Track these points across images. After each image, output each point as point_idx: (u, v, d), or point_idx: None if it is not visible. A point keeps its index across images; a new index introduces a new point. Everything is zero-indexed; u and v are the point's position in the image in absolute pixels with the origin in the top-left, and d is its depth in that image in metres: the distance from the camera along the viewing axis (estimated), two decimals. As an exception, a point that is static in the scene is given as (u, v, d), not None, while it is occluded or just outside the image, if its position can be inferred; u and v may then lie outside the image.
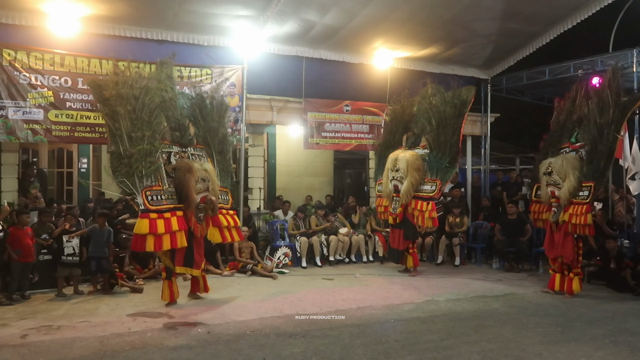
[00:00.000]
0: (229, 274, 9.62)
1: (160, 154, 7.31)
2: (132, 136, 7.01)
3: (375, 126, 12.40)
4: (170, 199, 7.22)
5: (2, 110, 9.01)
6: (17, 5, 8.88)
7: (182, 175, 7.26)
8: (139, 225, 6.83)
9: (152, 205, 6.94)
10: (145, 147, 7.03)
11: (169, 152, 7.52)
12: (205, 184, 7.44)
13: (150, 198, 6.96)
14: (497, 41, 11.83)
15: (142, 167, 6.97)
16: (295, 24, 10.21)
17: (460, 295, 8.11)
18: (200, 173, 7.42)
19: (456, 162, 10.02)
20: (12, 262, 7.59)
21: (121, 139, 6.99)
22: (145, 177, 7.00)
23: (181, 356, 5.35)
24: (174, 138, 7.72)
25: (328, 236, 10.98)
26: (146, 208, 6.89)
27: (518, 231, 10.41)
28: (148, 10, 9.44)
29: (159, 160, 7.25)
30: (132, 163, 6.91)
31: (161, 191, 7.13)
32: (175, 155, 7.61)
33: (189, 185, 7.20)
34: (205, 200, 7.44)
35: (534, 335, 6.11)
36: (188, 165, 7.39)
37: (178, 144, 7.74)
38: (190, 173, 7.27)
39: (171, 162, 7.50)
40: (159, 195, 7.08)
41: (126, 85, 7.16)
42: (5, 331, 6.17)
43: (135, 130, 7.05)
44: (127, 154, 6.94)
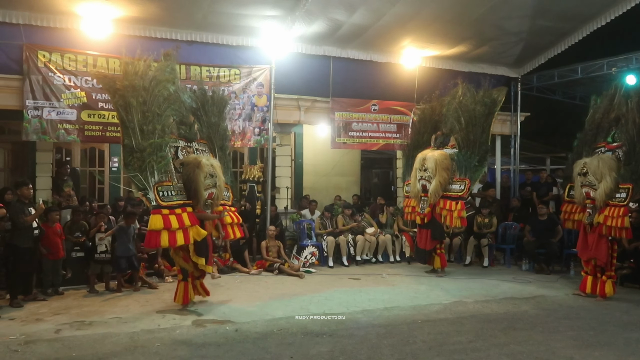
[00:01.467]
0: (257, 273, 9.69)
1: (169, 148, 7.19)
2: (144, 129, 6.82)
3: (402, 126, 12.33)
4: (179, 194, 7.06)
5: (37, 111, 9.26)
6: (52, 8, 9.09)
7: (192, 171, 7.12)
8: (153, 222, 6.64)
9: (164, 201, 6.78)
10: (157, 140, 6.89)
11: (176, 146, 7.41)
12: (213, 179, 7.30)
13: (162, 194, 6.81)
14: (527, 39, 11.62)
15: (153, 161, 6.80)
16: (323, 23, 10.21)
17: (489, 297, 8.01)
18: (208, 169, 7.25)
19: (485, 161, 9.89)
20: (43, 258, 7.81)
21: (133, 132, 6.80)
22: (156, 172, 6.85)
23: (209, 353, 5.41)
24: (180, 132, 7.61)
25: (355, 236, 10.96)
26: (158, 204, 6.73)
27: (549, 232, 10.24)
28: (178, 11, 9.56)
29: (168, 154, 7.11)
30: (144, 157, 6.75)
31: (171, 187, 6.99)
32: (182, 149, 7.49)
33: (198, 181, 7.08)
34: (212, 196, 7.35)
35: (565, 339, 6.00)
36: (197, 160, 7.25)
37: (184, 138, 7.63)
38: (200, 169, 7.12)
39: (178, 156, 7.37)
40: (170, 190, 6.94)
41: (136, 77, 6.95)
42: (39, 326, 6.34)
43: (147, 123, 6.86)
44: (139, 147, 6.77)
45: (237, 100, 10.72)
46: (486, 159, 9.93)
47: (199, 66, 10.41)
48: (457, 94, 9.92)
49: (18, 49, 9.22)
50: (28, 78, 9.20)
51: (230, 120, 10.63)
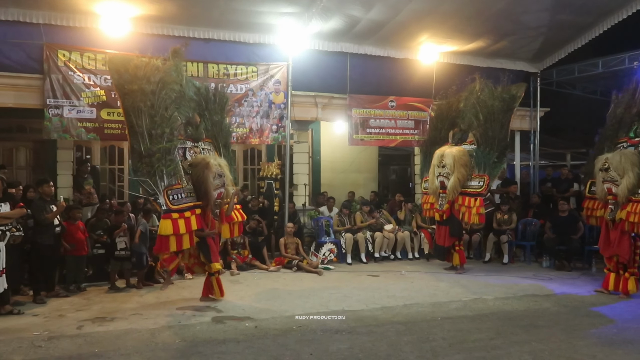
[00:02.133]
0: (275, 270, 9.72)
1: (177, 150, 7.19)
2: (153, 134, 6.83)
3: (420, 122, 12.26)
4: (189, 196, 7.07)
5: (57, 109, 9.37)
6: (72, 8, 9.19)
7: (201, 172, 7.11)
8: (163, 227, 6.67)
9: (174, 205, 6.79)
10: (166, 145, 6.89)
11: (184, 147, 7.38)
12: (222, 179, 7.29)
13: (172, 197, 6.82)
14: (547, 33, 11.47)
15: (162, 165, 6.82)
16: (339, 20, 10.18)
17: (509, 294, 7.94)
18: (216, 168, 7.23)
19: (504, 157, 9.82)
20: (66, 255, 7.92)
21: (142, 137, 6.81)
22: (165, 176, 6.85)
23: (229, 350, 5.44)
24: (187, 133, 7.57)
25: (373, 233, 10.93)
26: (168, 208, 6.75)
27: (569, 229, 10.11)
28: (195, 9, 9.59)
29: (176, 157, 7.11)
30: (153, 162, 6.77)
31: (181, 189, 6.99)
32: (190, 150, 7.46)
33: (207, 182, 7.07)
34: (221, 195, 7.34)
35: (587, 337, 5.92)
36: (205, 161, 7.22)
37: (191, 138, 7.60)
38: (208, 169, 7.11)
39: (187, 158, 7.36)
40: (180, 193, 6.94)
41: (144, 80, 6.95)
42: (62, 322, 6.42)
43: (155, 127, 6.87)
44: (148, 152, 6.79)
45: (255, 98, 10.75)
46: (505, 155, 9.85)
47: (217, 64, 10.45)
48: (474, 89, 9.85)
49: (39, 49, 9.34)
50: (48, 77, 9.33)
51: (248, 117, 10.69)
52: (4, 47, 9.22)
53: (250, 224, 10.26)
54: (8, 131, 11.25)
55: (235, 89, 10.58)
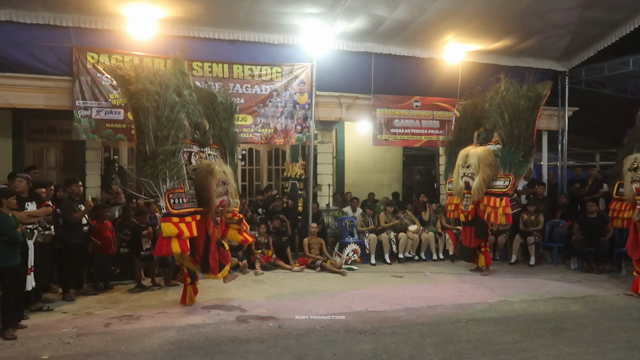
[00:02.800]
0: (299, 270, 9.75)
1: (182, 154, 7.04)
2: (158, 135, 6.74)
3: (445, 122, 12.16)
4: (190, 202, 6.93)
5: (86, 111, 9.55)
6: (100, 11, 9.35)
7: (204, 177, 6.95)
8: (165, 229, 6.54)
9: (174, 209, 6.65)
10: (171, 147, 6.76)
11: (189, 151, 7.22)
12: (225, 187, 7.09)
13: (173, 201, 6.68)
14: (575, 31, 11.25)
15: (166, 168, 6.68)
16: (364, 19, 10.15)
17: (536, 296, 7.82)
18: (220, 175, 7.03)
19: (530, 157, 9.67)
20: (94, 254, 8.07)
21: (148, 138, 6.72)
22: (168, 179, 6.70)
23: (253, 349, 5.47)
24: (194, 137, 7.41)
25: (397, 233, 10.88)
26: (168, 212, 6.61)
27: (598, 230, 9.91)
28: (220, 11, 9.68)
29: (181, 161, 6.94)
30: (157, 164, 6.65)
31: (183, 194, 6.83)
32: (195, 155, 7.33)
33: (210, 188, 6.91)
34: (224, 203, 7.13)
35: (616, 340, 5.81)
36: (210, 167, 7.07)
37: (198, 143, 7.45)
38: (212, 176, 6.94)
39: (191, 162, 7.21)
40: (181, 198, 6.80)
41: (147, 80, 6.87)
42: (90, 319, 6.56)
43: (161, 128, 6.77)
44: (152, 154, 6.69)
45: (279, 98, 10.80)
46: (531, 155, 9.70)
47: (242, 65, 10.52)
48: (499, 88, 9.73)
49: (68, 51, 9.53)
50: (78, 79, 9.51)
51: (272, 117, 10.75)
52: (34, 50, 9.43)
53: (275, 224, 10.33)
54: (39, 132, 11.50)
55: (260, 89, 10.65)
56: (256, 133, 10.71)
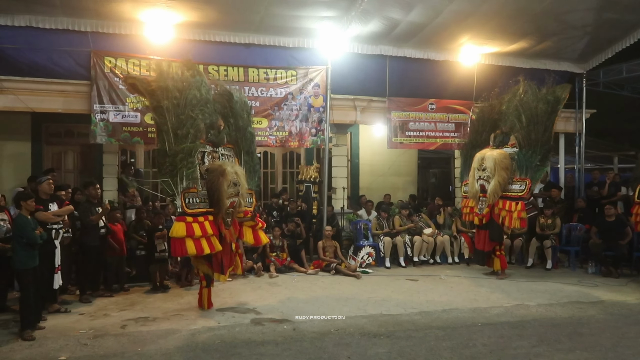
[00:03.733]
0: (313, 272, 9.75)
1: (197, 153, 7.02)
2: (178, 133, 6.75)
3: (461, 124, 12.11)
4: (203, 202, 6.92)
5: (104, 114, 9.67)
6: (117, 16, 9.47)
7: (216, 179, 6.92)
8: (176, 229, 6.59)
9: (189, 209, 6.68)
10: (189, 145, 6.77)
11: (202, 151, 7.19)
12: (236, 188, 7.04)
13: (188, 201, 6.70)
14: (593, 33, 11.15)
15: (184, 167, 6.71)
16: (379, 22, 10.15)
17: (553, 300, 7.75)
18: (232, 177, 6.99)
19: (547, 161, 9.57)
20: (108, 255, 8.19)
21: (167, 136, 6.73)
22: (185, 178, 6.73)
23: (268, 352, 5.49)
24: (208, 137, 7.38)
25: (412, 236, 10.84)
26: (183, 211, 6.64)
27: (617, 234, 9.78)
28: (236, 15, 9.74)
29: (196, 160, 6.94)
30: (176, 162, 6.66)
31: (196, 194, 6.86)
32: (209, 155, 7.30)
33: (221, 189, 6.85)
34: (234, 204, 7.09)
35: (635, 346, 5.73)
36: (221, 168, 7.03)
37: (211, 143, 7.42)
38: (224, 177, 6.90)
39: (204, 162, 7.18)
40: (195, 198, 6.82)
41: (169, 79, 6.90)
42: (107, 321, 6.62)
43: (181, 126, 6.78)
44: (171, 152, 6.70)
45: (294, 101, 10.84)
46: (548, 159, 9.61)
47: (257, 68, 10.59)
48: (517, 91, 9.64)
49: (86, 56, 9.67)
50: (95, 83, 9.63)
51: (287, 120, 10.78)
52: (53, 54, 9.58)
53: (289, 227, 10.34)
54: (57, 136, 11.65)
55: (275, 92, 10.70)
56: (271, 136, 10.75)
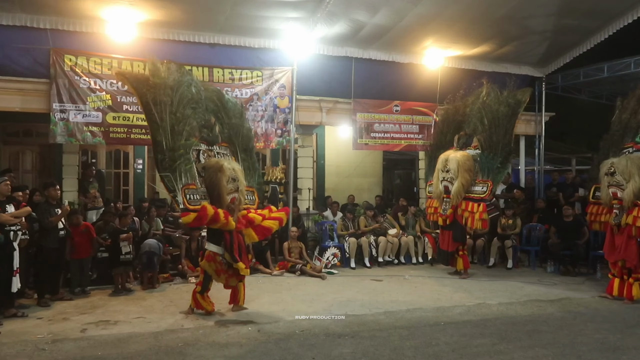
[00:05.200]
0: (279, 274, 9.72)
1: (192, 151, 7.03)
2: (175, 129, 6.71)
3: (425, 126, 12.27)
4: (204, 199, 6.88)
5: (63, 114, 9.44)
6: (78, 13, 9.25)
7: (214, 174, 6.94)
8: (186, 219, 6.55)
9: (191, 205, 6.62)
10: (188, 142, 6.80)
11: (197, 149, 7.19)
12: (235, 184, 7.05)
13: (189, 197, 6.66)
14: (552, 38, 11.45)
15: (182, 163, 6.69)
16: (344, 24, 10.20)
17: (513, 299, 7.92)
18: (230, 172, 7.01)
19: (508, 163, 9.77)
20: (71, 258, 8.01)
21: (164, 131, 6.65)
22: (183, 175, 6.69)
23: (232, 353, 5.45)
24: (202, 135, 7.35)
25: (377, 237, 10.92)
26: (185, 207, 6.57)
27: (574, 234, 10.06)
28: (201, 14, 9.64)
29: (191, 157, 6.95)
30: (175, 157, 6.64)
31: (196, 190, 6.82)
32: (204, 153, 7.28)
33: (220, 185, 6.88)
34: (235, 200, 7.06)
35: (591, 342, 5.89)
36: (218, 164, 7.05)
37: (205, 141, 7.39)
38: (222, 172, 6.92)
39: (200, 160, 7.17)
40: (195, 194, 6.77)
41: (164, 75, 6.91)
42: (66, 325, 6.46)
43: (177, 123, 6.76)
44: (170, 147, 6.65)
45: (260, 102, 10.79)
46: (509, 161, 9.81)
47: (222, 68, 10.50)
48: (481, 94, 9.83)
49: (45, 53, 9.42)
50: (55, 82, 9.39)
51: (252, 121, 10.72)
52: (11, 52, 9.31)
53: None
54: (15, 135, 11.34)
55: (240, 93, 10.63)
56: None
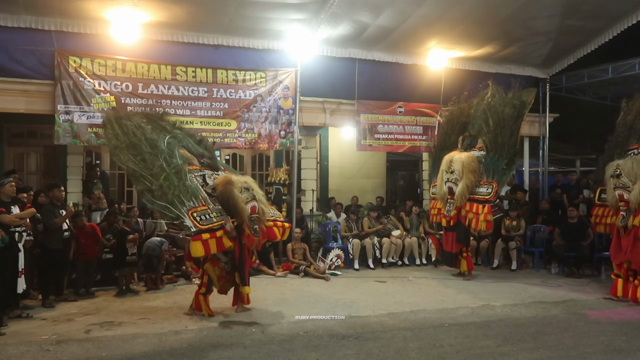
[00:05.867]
0: (282, 275, 9.73)
1: (194, 177, 6.99)
2: (153, 172, 6.69)
3: (429, 127, 12.26)
4: (220, 215, 6.83)
5: (68, 115, 9.47)
6: (82, 14, 9.28)
7: (223, 187, 6.91)
8: (194, 249, 6.51)
9: (203, 225, 6.57)
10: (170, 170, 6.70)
11: (202, 174, 7.19)
12: (250, 192, 7.01)
13: (199, 218, 6.60)
14: (556, 39, 11.44)
15: (178, 191, 6.60)
16: (348, 26, 10.20)
17: (517, 301, 7.89)
18: (241, 183, 7.01)
19: (514, 164, 9.76)
20: (76, 259, 8.03)
21: (144, 178, 6.70)
22: (185, 200, 6.62)
23: (236, 355, 5.45)
24: (203, 163, 7.42)
25: (381, 238, 10.91)
26: (198, 229, 6.51)
27: (579, 235, 10.03)
28: (205, 16, 9.66)
29: (194, 181, 6.91)
30: (165, 191, 6.56)
31: (207, 210, 6.76)
32: (210, 177, 7.26)
33: (233, 195, 6.84)
34: (255, 209, 7.02)
35: (596, 344, 5.87)
36: (226, 178, 7.05)
37: (209, 167, 7.44)
38: (231, 184, 6.90)
39: (207, 183, 7.14)
40: (207, 214, 6.73)
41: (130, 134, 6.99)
42: (70, 326, 6.47)
43: (150, 166, 6.74)
44: (155, 186, 6.61)
45: (263, 103, 10.80)
46: (515, 162, 9.80)
47: (225, 70, 10.51)
48: (485, 95, 9.82)
49: (50, 55, 9.44)
50: (59, 83, 9.42)
51: (256, 123, 10.74)
52: (16, 53, 9.33)
53: (258, 229, 10.28)
54: (19, 136, 11.35)
55: (244, 94, 10.64)
56: (240, 138, 10.69)
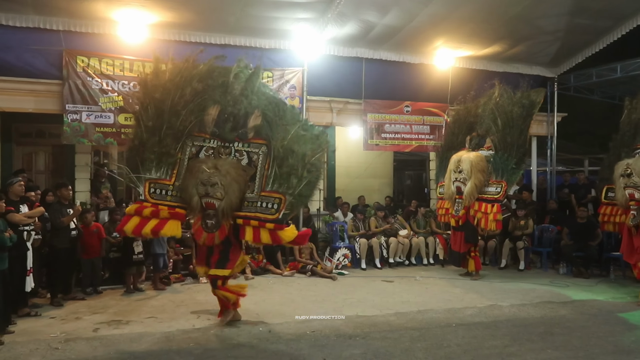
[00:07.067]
0: (289, 274, 9.73)
1: (190, 147, 6.47)
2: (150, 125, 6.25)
3: (436, 127, 12.23)
4: (175, 196, 6.30)
5: (76, 115, 9.52)
6: (90, 14, 9.33)
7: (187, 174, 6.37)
8: (128, 224, 6.15)
9: (152, 198, 6.17)
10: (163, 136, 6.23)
11: (201, 145, 6.53)
12: (205, 188, 6.12)
13: (153, 190, 6.20)
14: (564, 38, 11.37)
15: (152, 154, 6.22)
16: (355, 25, 10.19)
17: (525, 301, 7.86)
18: (205, 175, 6.12)
19: (523, 164, 9.70)
20: (82, 258, 8.08)
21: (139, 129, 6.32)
22: (154, 169, 6.24)
23: (243, 354, 5.46)
24: (214, 132, 6.56)
25: (388, 238, 10.90)
26: (145, 198, 6.15)
27: (587, 235, 9.98)
28: (212, 16, 9.68)
29: (178, 154, 6.39)
30: (145, 152, 6.21)
31: (169, 186, 6.29)
32: (208, 150, 6.53)
33: (186, 187, 6.26)
34: (212, 206, 6.19)
35: (605, 345, 5.84)
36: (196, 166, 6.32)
37: (219, 137, 6.56)
38: (191, 174, 6.29)
39: (199, 156, 6.49)
40: (166, 190, 6.27)
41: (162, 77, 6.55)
42: (79, 324, 6.51)
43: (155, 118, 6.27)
44: (142, 142, 6.25)
45: (270, 103, 10.77)
46: (524, 162, 9.74)
47: (232, 69, 10.50)
48: (493, 95, 9.77)
49: (58, 55, 9.50)
50: (68, 83, 9.48)
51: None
52: (24, 53, 9.40)
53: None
54: (27, 136, 11.41)
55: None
56: None
